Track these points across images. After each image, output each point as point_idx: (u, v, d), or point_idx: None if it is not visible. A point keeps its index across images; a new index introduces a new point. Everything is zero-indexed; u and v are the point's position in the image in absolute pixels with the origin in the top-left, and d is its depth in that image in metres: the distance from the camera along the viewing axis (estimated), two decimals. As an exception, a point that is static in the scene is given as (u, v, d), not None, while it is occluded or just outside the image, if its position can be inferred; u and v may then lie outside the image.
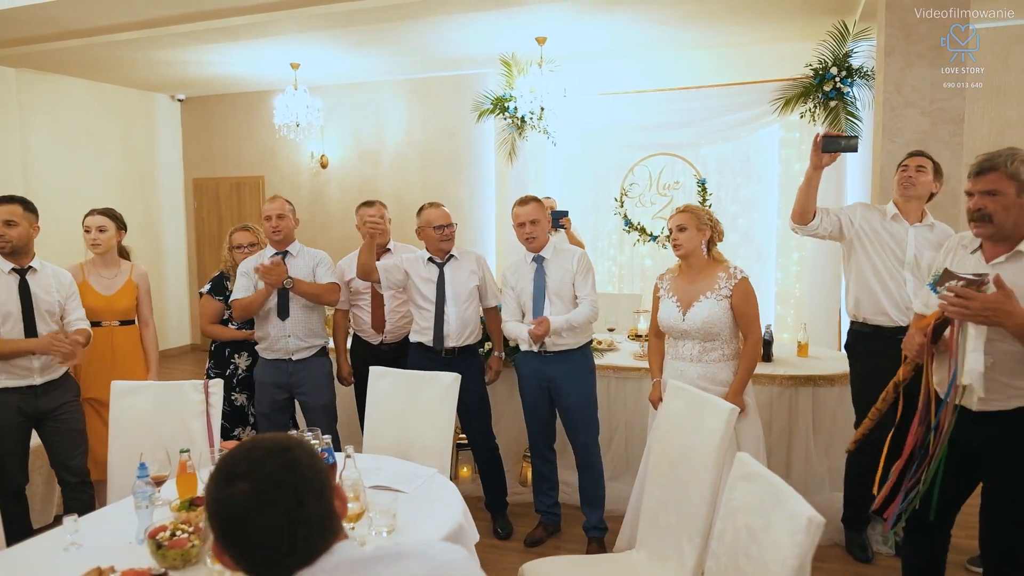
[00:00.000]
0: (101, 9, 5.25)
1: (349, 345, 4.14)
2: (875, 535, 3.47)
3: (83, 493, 3.06)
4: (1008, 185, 2.15)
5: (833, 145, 2.98)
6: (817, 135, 3.02)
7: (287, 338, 3.55)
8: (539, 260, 3.42)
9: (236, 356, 3.89)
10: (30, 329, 2.89)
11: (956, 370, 2.20)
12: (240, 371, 3.88)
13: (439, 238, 3.48)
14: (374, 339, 4.01)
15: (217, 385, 2.75)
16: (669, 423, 2.46)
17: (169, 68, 6.99)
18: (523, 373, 3.51)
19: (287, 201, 3.64)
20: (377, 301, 3.99)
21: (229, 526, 1.05)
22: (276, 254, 3.60)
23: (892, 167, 3.90)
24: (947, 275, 2.23)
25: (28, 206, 2.95)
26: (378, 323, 3.98)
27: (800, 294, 6.08)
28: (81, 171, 7.48)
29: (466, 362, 3.49)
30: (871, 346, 3.27)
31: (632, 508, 3.07)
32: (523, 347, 3.48)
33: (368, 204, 4.06)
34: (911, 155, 3.28)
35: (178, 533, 1.77)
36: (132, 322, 3.59)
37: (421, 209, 3.61)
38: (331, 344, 4.02)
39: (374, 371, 2.96)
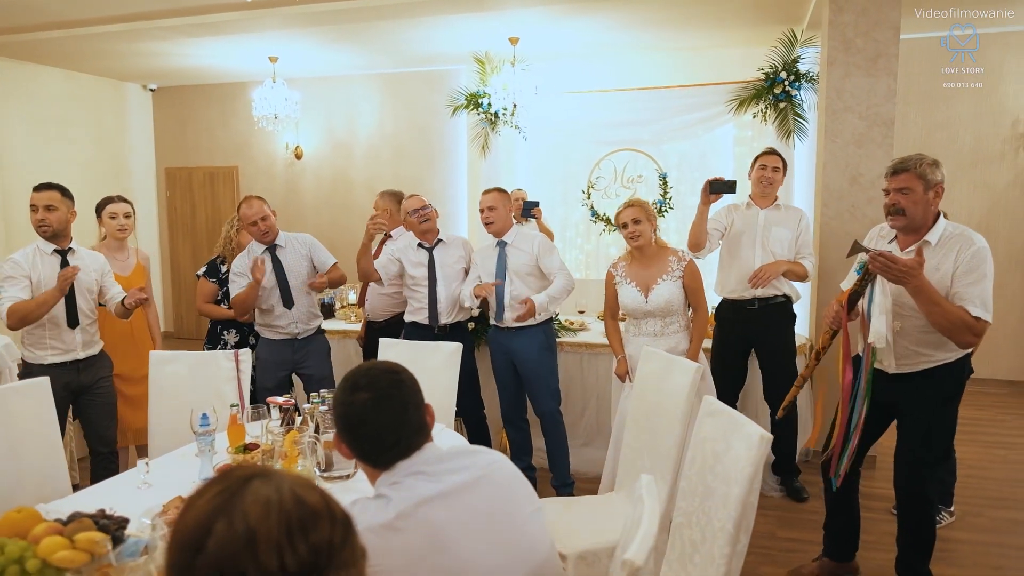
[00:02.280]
0: (89, 1, 5.41)
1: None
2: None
3: (111, 463, 3.32)
4: (917, 183, 2.62)
5: (717, 187, 3.72)
6: (706, 181, 3.75)
7: (293, 324, 3.85)
8: (502, 244, 3.81)
9: (225, 332, 4.17)
10: (71, 306, 3.14)
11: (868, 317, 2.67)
12: (229, 346, 4.14)
13: (418, 220, 3.84)
14: (373, 316, 4.35)
15: (246, 354, 3.07)
16: (644, 383, 2.87)
17: (143, 59, 7.11)
18: (492, 348, 3.91)
19: (262, 200, 3.83)
20: (367, 280, 4.32)
21: (351, 423, 1.41)
22: (265, 250, 3.84)
23: (834, 164, 4.41)
24: (856, 246, 2.72)
25: (65, 192, 3.19)
26: (361, 299, 4.31)
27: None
28: (53, 159, 7.53)
29: (457, 337, 3.85)
30: (725, 313, 4.06)
31: (609, 461, 3.48)
32: (465, 304, 3.89)
33: (395, 194, 4.36)
34: (766, 153, 4.00)
35: (242, 469, 2.11)
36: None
37: (401, 203, 3.97)
38: (329, 325, 4.34)
39: (384, 342, 3.32)
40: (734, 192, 3.78)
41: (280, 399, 2.48)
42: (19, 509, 1.55)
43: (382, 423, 1.38)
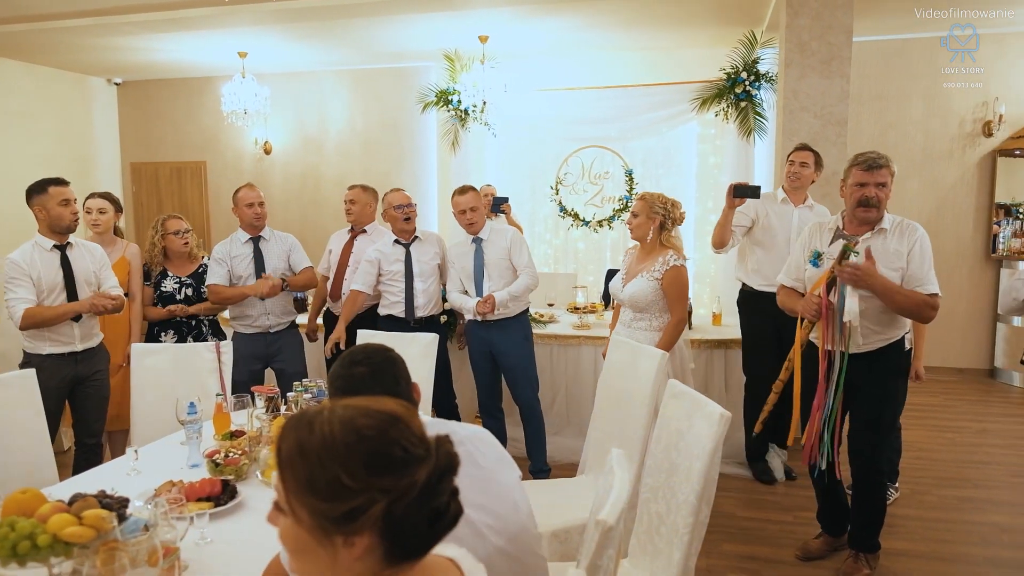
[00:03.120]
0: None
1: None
2: (775, 465, 4.20)
3: (94, 454, 3.36)
4: (890, 178, 2.84)
5: (741, 192, 3.76)
6: (730, 185, 3.78)
7: (266, 316, 3.93)
8: (478, 241, 3.93)
9: (163, 335, 3.99)
10: (72, 298, 3.19)
11: (841, 312, 2.85)
12: None
13: (401, 217, 3.94)
14: (335, 308, 4.42)
15: (228, 345, 3.15)
16: (612, 371, 3.02)
17: (108, 53, 7.05)
18: (470, 340, 4.02)
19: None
20: (339, 273, 4.39)
21: (348, 393, 1.52)
22: (249, 239, 3.94)
23: (790, 161, 4.60)
24: (837, 233, 2.94)
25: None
26: (335, 293, 4.39)
27: (714, 272, 6.80)
28: (15, 154, 7.42)
29: (432, 330, 3.95)
30: (751, 303, 4.14)
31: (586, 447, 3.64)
32: (468, 316, 3.98)
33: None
34: (797, 149, 4.02)
35: (230, 454, 2.20)
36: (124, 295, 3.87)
37: (385, 195, 4.05)
38: (301, 319, 4.42)
39: (362, 333, 3.42)
40: (757, 197, 3.80)
41: (264, 388, 2.57)
42: (24, 490, 1.63)
43: (377, 393, 1.50)
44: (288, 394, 2.53)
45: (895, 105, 6.57)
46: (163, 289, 3.95)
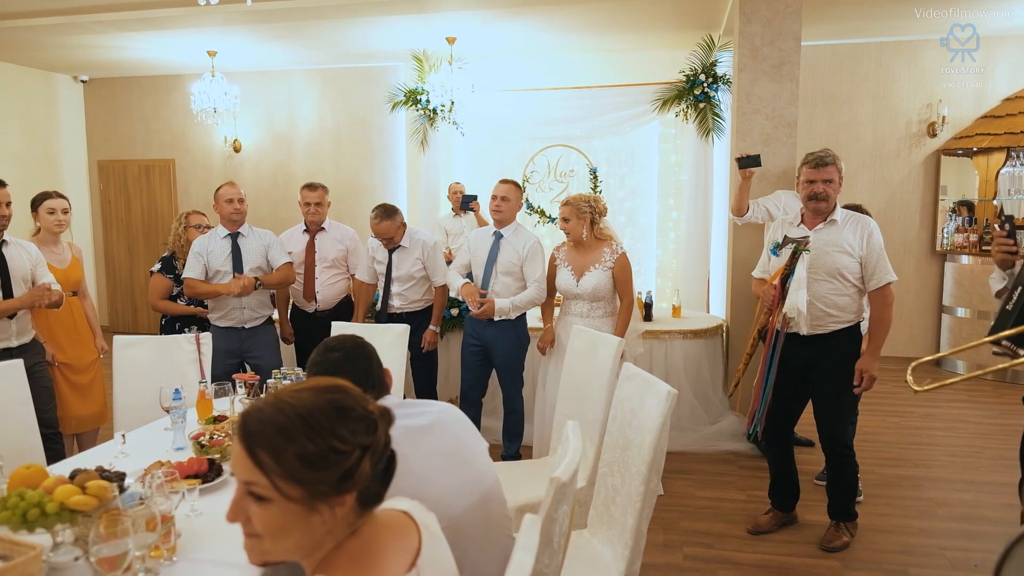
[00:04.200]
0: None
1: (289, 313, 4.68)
2: None
3: (55, 443, 3.41)
4: (836, 174, 3.10)
5: (744, 163, 4.03)
6: (734, 159, 4.00)
7: (242, 310, 4.05)
8: (498, 236, 4.05)
9: (187, 330, 4.25)
10: (7, 295, 3.21)
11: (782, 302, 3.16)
12: None
13: (387, 244, 4.15)
14: (309, 307, 4.55)
15: (207, 336, 3.27)
16: (573, 358, 3.21)
17: (75, 51, 7.05)
18: (467, 332, 4.18)
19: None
20: (310, 273, 4.52)
21: (326, 375, 1.67)
22: (228, 235, 4.06)
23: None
24: (786, 240, 3.24)
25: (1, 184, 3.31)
26: (309, 292, 4.51)
27: (676, 267, 7.05)
28: (-19, 151, 7.41)
29: (414, 323, 4.10)
30: None
31: (536, 429, 3.83)
32: (451, 293, 4.18)
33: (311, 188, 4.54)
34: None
35: (215, 436, 2.34)
36: (76, 294, 3.95)
37: (374, 216, 4.09)
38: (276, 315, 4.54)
39: (336, 325, 3.58)
40: (759, 165, 4.10)
41: (245, 375, 2.71)
42: (28, 466, 1.76)
43: (351, 375, 1.66)
44: (268, 381, 2.67)
45: (846, 106, 6.88)
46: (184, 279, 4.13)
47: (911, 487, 4.06)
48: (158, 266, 4.35)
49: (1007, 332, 2.46)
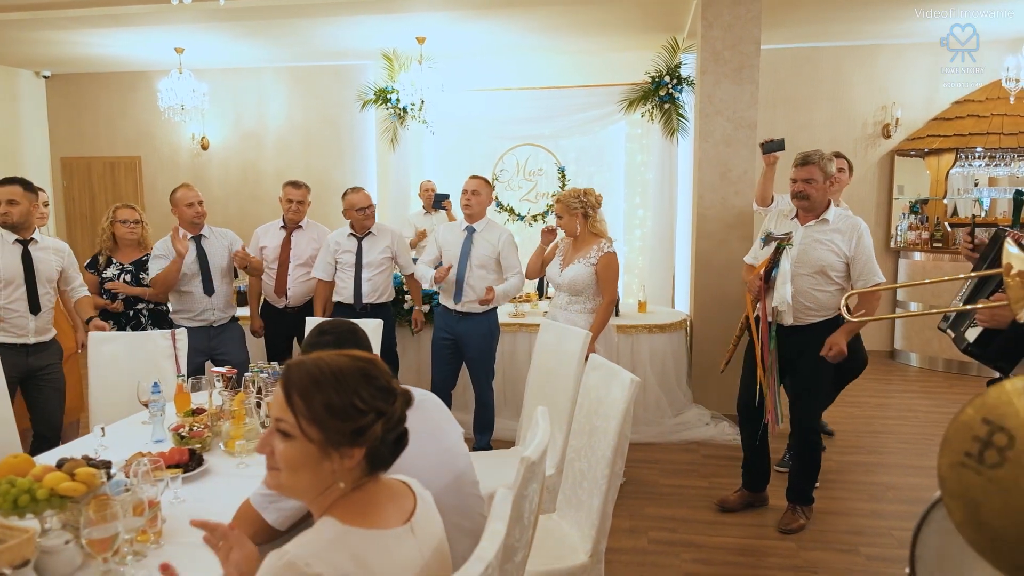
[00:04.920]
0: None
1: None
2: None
3: (52, 447, 3.45)
4: (819, 174, 3.25)
5: (768, 147, 3.88)
6: (759, 144, 3.91)
7: (211, 311, 4.09)
8: (471, 231, 4.16)
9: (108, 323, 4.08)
10: (32, 293, 3.26)
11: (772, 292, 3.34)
12: None
13: (362, 218, 4.16)
14: (279, 303, 4.60)
15: (182, 332, 3.32)
16: (542, 350, 3.33)
17: (39, 46, 6.97)
18: (438, 326, 4.27)
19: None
20: (282, 269, 4.57)
21: None
22: (191, 238, 4.06)
23: (708, 161, 5.00)
24: (768, 237, 3.41)
25: (28, 186, 3.33)
26: (280, 288, 4.57)
27: (642, 263, 7.22)
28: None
29: (379, 316, 4.16)
30: None
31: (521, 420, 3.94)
32: (424, 285, 4.24)
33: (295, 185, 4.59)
34: (836, 157, 3.98)
35: (194, 428, 2.40)
36: None
37: (345, 193, 4.24)
38: (243, 311, 4.59)
39: (311, 320, 3.64)
40: (783, 148, 3.83)
41: (222, 369, 2.78)
42: (15, 455, 1.81)
43: None
44: (246, 374, 2.74)
45: (805, 108, 7.10)
46: (105, 276, 4.08)
47: (864, 473, 4.26)
48: (87, 262, 4.28)
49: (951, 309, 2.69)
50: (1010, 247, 1.84)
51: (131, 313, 4.11)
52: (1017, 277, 1.62)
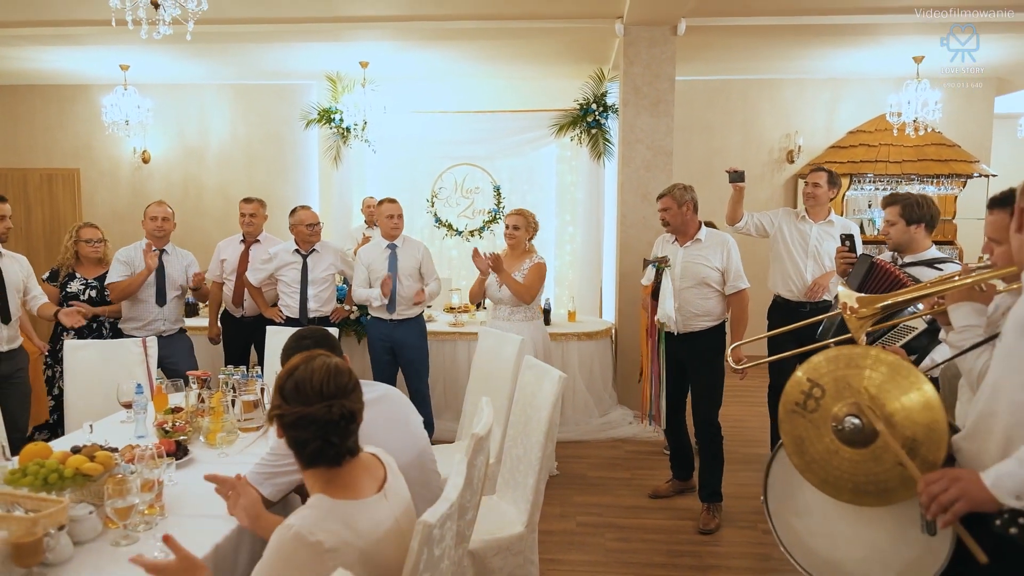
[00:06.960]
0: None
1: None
2: None
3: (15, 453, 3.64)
4: (672, 203, 3.77)
5: (733, 178, 4.25)
6: (726, 171, 4.30)
7: (161, 321, 4.34)
8: (393, 247, 4.55)
9: (65, 334, 4.25)
10: (2, 303, 3.46)
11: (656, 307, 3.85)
12: None
13: (310, 234, 4.50)
14: (236, 312, 4.90)
15: (153, 340, 3.59)
16: (483, 355, 3.75)
17: (-24, 58, 6.98)
18: (372, 335, 4.63)
19: (169, 206, 4.45)
20: (240, 281, 4.86)
21: None
22: (155, 250, 4.31)
23: (629, 185, 5.52)
24: (645, 262, 3.96)
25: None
26: (237, 299, 4.86)
27: (572, 276, 7.72)
28: None
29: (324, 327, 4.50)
30: (779, 311, 4.58)
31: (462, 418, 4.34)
32: (375, 304, 4.55)
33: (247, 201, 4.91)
34: (812, 171, 4.46)
35: (176, 423, 2.71)
36: None
37: (294, 210, 4.57)
38: (194, 323, 4.84)
39: (270, 329, 3.97)
40: (742, 180, 4.23)
41: (198, 372, 3.08)
42: (35, 443, 2.11)
43: None
44: (219, 375, 3.05)
45: (719, 135, 7.78)
46: (68, 290, 4.28)
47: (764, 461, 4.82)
48: (46, 275, 4.47)
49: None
50: (840, 289, 2.33)
51: (94, 326, 4.33)
52: (850, 312, 2.06)
